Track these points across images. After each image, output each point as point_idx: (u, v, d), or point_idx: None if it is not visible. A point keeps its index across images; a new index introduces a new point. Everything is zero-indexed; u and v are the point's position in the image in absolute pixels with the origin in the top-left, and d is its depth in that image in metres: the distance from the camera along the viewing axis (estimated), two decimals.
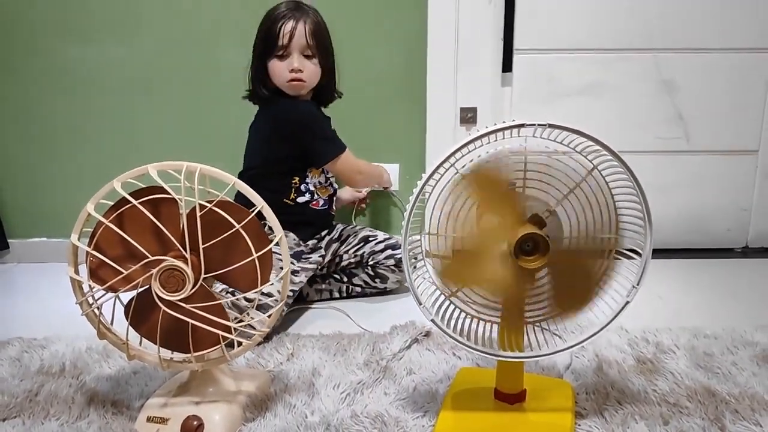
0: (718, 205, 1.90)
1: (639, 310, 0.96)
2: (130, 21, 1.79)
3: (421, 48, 1.80)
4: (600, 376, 1.13)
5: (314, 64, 1.45)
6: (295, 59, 1.41)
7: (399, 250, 1.54)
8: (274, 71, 1.44)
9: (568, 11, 1.77)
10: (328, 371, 1.17)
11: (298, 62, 1.41)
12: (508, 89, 1.84)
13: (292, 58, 1.42)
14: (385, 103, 1.85)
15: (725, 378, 1.13)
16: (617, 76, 1.81)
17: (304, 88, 1.46)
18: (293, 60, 1.41)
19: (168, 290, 0.90)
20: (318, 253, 1.54)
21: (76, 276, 0.94)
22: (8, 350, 1.27)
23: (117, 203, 0.91)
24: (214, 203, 0.90)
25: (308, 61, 1.44)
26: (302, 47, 1.42)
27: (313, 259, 1.51)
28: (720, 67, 1.80)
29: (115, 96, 1.84)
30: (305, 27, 1.41)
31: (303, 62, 1.42)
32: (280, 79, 1.44)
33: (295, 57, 1.42)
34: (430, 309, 0.93)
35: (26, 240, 1.94)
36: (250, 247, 0.90)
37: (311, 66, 1.45)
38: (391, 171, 1.88)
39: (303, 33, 1.41)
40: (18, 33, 1.79)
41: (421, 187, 0.88)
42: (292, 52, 1.42)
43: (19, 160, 1.89)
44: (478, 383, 1.05)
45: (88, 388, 1.12)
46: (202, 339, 0.94)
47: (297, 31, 1.41)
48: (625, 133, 1.83)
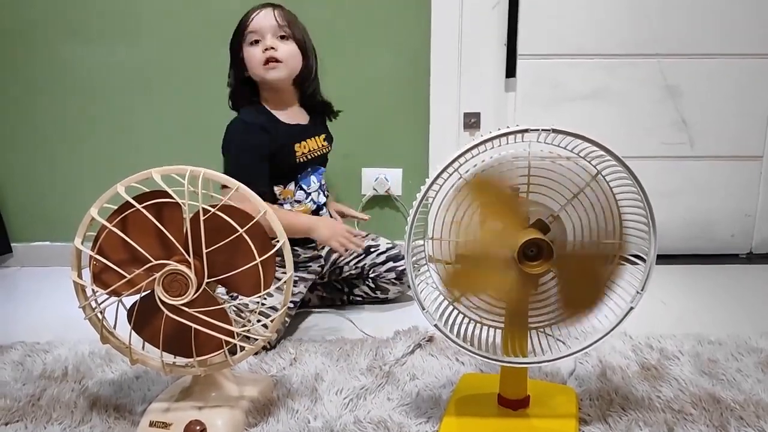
0: (722, 210, 1.89)
1: (643, 315, 0.95)
2: (132, 23, 1.80)
3: (424, 53, 1.80)
4: (604, 382, 1.13)
5: (292, 45, 1.39)
6: (268, 39, 1.36)
7: (401, 262, 1.53)
8: (249, 59, 1.37)
9: (572, 17, 1.77)
10: (331, 376, 1.17)
11: (271, 41, 1.36)
12: (511, 94, 1.84)
13: (264, 41, 1.36)
14: (389, 108, 1.85)
15: (730, 384, 1.12)
16: (621, 81, 1.81)
17: (282, 71, 1.37)
18: (266, 41, 1.36)
19: (171, 294, 0.90)
20: (317, 263, 1.51)
21: (80, 280, 0.94)
22: (11, 354, 1.27)
23: (120, 207, 0.91)
24: (217, 207, 0.90)
25: (283, 43, 1.38)
26: (273, 28, 1.36)
27: (312, 269, 1.48)
28: (724, 73, 1.80)
29: (117, 98, 1.85)
30: (274, 11, 1.38)
31: (276, 42, 1.36)
32: (256, 64, 1.37)
33: (267, 38, 1.36)
34: (434, 314, 0.93)
35: (29, 243, 1.94)
36: (254, 252, 0.90)
37: (287, 46, 1.37)
38: (394, 176, 1.88)
39: (272, 15, 1.37)
40: (20, 35, 1.80)
41: (424, 193, 0.88)
42: (264, 33, 1.36)
43: (21, 164, 1.89)
44: (481, 389, 1.05)
45: (91, 392, 1.12)
46: (204, 343, 0.94)
47: (264, 12, 1.37)
48: (629, 139, 1.82)
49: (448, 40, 1.79)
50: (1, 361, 1.24)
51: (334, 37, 1.79)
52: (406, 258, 0.91)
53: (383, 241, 1.59)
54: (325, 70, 1.51)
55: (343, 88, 1.79)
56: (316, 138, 1.47)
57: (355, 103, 1.82)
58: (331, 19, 1.78)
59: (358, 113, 1.82)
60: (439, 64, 1.80)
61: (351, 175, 1.87)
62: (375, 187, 1.88)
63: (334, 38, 1.79)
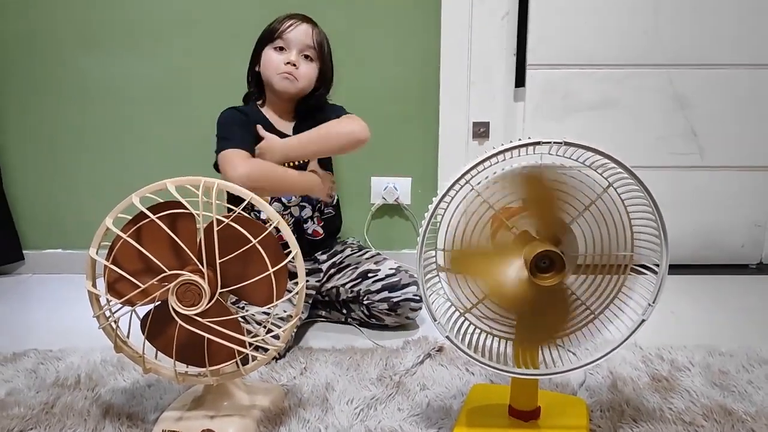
0: (732, 221, 1.89)
1: (653, 327, 0.95)
2: (149, 34, 1.82)
3: (434, 63, 1.81)
4: (615, 394, 1.13)
5: (313, 67, 1.41)
6: (293, 54, 1.37)
7: (396, 293, 1.41)
8: (268, 60, 1.39)
9: (581, 27, 1.78)
10: (342, 386, 1.17)
11: (296, 57, 1.37)
12: (520, 104, 1.84)
13: (290, 53, 1.38)
14: (399, 118, 1.86)
15: (741, 396, 1.12)
16: (630, 91, 1.81)
17: (294, 86, 1.39)
18: (291, 54, 1.37)
19: (184, 304, 0.90)
20: (315, 277, 1.48)
21: (94, 290, 0.94)
22: (24, 362, 1.28)
23: (135, 217, 0.92)
24: (231, 218, 0.91)
25: (305, 62, 1.39)
26: (303, 45, 1.38)
27: (310, 283, 1.46)
28: (733, 83, 1.80)
29: (131, 109, 1.86)
30: (311, 30, 1.39)
31: (300, 60, 1.38)
32: (272, 70, 1.38)
33: (293, 52, 1.37)
34: (445, 325, 0.93)
35: (41, 251, 1.95)
36: (266, 262, 0.91)
37: (309, 67, 1.40)
38: (403, 185, 1.89)
39: (309, 33, 1.38)
40: (38, 44, 1.82)
41: (435, 206, 0.88)
42: (291, 46, 1.38)
43: (34, 172, 1.91)
44: (492, 400, 1.05)
45: (104, 400, 1.13)
46: (217, 353, 0.95)
47: (301, 27, 1.38)
48: (639, 149, 1.83)
49: (457, 50, 1.80)
50: (15, 369, 1.25)
51: (346, 46, 1.79)
52: (418, 270, 0.91)
53: (386, 266, 1.46)
54: (337, 80, 1.52)
55: (354, 96, 1.80)
56: None
57: (365, 111, 1.81)
58: (344, 29, 1.79)
59: (368, 122, 1.81)
60: (449, 73, 1.81)
61: (360, 183, 1.87)
62: (384, 196, 1.89)
63: (346, 48, 1.79)
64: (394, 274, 1.44)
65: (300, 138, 1.38)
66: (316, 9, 1.68)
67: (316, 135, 1.36)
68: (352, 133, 1.36)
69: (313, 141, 1.36)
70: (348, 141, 1.37)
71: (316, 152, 1.39)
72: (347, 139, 1.36)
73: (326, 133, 1.36)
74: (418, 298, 1.42)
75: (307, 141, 1.36)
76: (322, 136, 1.36)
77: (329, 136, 1.36)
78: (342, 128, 1.37)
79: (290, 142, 1.38)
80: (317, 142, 1.36)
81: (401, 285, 1.42)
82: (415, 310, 1.43)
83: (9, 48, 1.82)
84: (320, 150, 1.38)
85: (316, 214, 1.49)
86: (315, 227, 1.48)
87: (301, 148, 1.37)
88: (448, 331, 0.93)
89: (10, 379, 1.21)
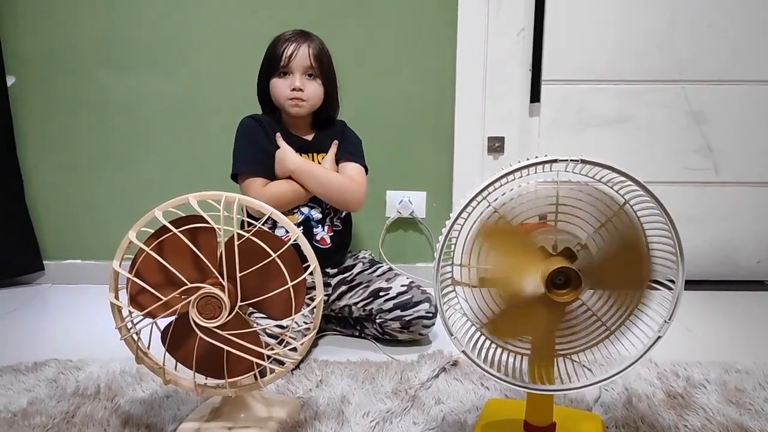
0: (748, 237, 1.88)
1: (668, 342, 0.95)
2: (168, 52, 1.85)
3: (450, 77, 1.82)
4: (630, 410, 1.13)
5: (317, 84, 1.45)
6: (297, 78, 1.42)
7: (408, 311, 1.42)
8: (275, 89, 1.44)
9: (597, 42, 1.79)
10: (357, 399, 1.18)
11: (300, 81, 1.42)
12: (535, 119, 1.85)
13: (293, 77, 1.42)
14: (414, 132, 1.87)
15: (758, 415, 1.11)
16: (646, 107, 1.82)
17: (304, 108, 1.45)
18: (295, 79, 1.42)
19: (205, 317, 0.92)
20: (324, 291, 1.46)
21: (117, 301, 0.96)
22: (45, 371, 1.30)
23: (157, 231, 0.93)
24: (251, 232, 0.92)
25: (310, 82, 1.44)
26: (305, 68, 1.42)
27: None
28: (749, 99, 1.80)
29: (152, 124, 1.90)
30: (309, 49, 1.43)
31: (305, 82, 1.43)
32: (281, 98, 1.44)
33: (297, 76, 1.42)
34: (461, 340, 0.94)
35: (61, 261, 1.98)
36: (286, 276, 0.92)
37: (313, 86, 1.44)
38: (418, 199, 1.90)
39: (306, 54, 1.42)
40: (61, 60, 1.86)
41: (451, 224, 0.89)
42: (294, 71, 1.42)
43: (55, 184, 1.94)
44: (507, 415, 1.05)
45: (123, 410, 1.14)
46: (235, 365, 0.96)
47: (300, 51, 1.42)
48: (654, 164, 1.83)
49: (473, 65, 1.82)
50: (36, 378, 1.27)
51: (363, 61, 1.82)
52: (435, 286, 0.92)
53: (397, 283, 1.47)
54: (353, 93, 1.54)
55: (370, 110, 1.83)
56: (314, 155, 1.49)
57: (380, 125, 1.84)
58: (359, 45, 1.81)
59: (384, 136, 1.84)
60: (464, 88, 1.83)
61: (375, 197, 1.89)
62: (399, 210, 1.90)
63: (363, 62, 1.82)
64: (406, 291, 1.45)
65: (313, 169, 1.44)
66: (333, 25, 1.71)
67: (325, 178, 1.44)
68: (346, 203, 1.48)
69: (320, 181, 1.44)
70: (340, 202, 1.47)
71: (314, 190, 1.44)
72: (340, 201, 1.47)
73: (330, 182, 1.45)
74: (431, 315, 1.43)
75: (315, 175, 1.44)
76: (327, 182, 1.44)
77: (331, 187, 1.44)
78: (345, 191, 1.46)
79: (302, 166, 1.43)
80: (321, 184, 1.44)
81: (413, 303, 1.43)
82: (427, 327, 1.44)
83: (32, 64, 1.86)
84: (318, 190, 1.44)
85: (327, 222, 1.50)
86: (323, 234, 1.49)
87: (306, 177, 1.43)
88: (464, 345, 0.94)
89: (32, 388, 1.23)
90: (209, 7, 1.82)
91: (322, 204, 1.48)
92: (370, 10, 1.81)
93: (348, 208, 1.50)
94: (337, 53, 1.49)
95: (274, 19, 1.78)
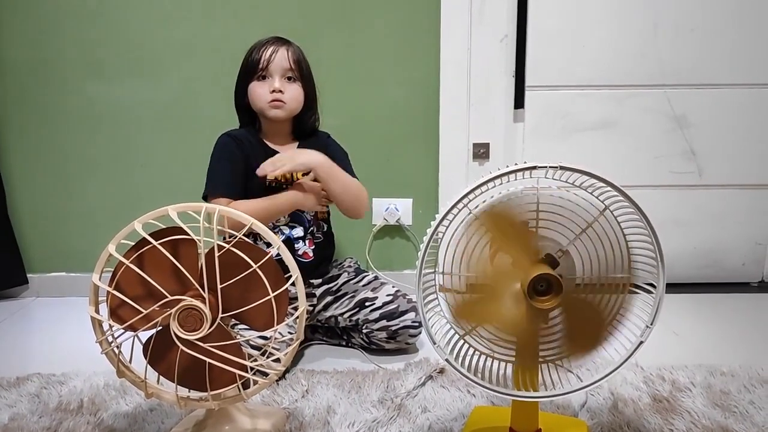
0: (732, 239, 1.90)
1: (654, 346, 0.95)
2: (155, 62, 1.85)
3: (434, 85, 1.83)
4: (616, 415, 1.13)
5: (297, 87, 1.43)
6: (276, 80, 1.40)
7: (395, 321, 1.41)
8: (254, 93, 1.42)
9: (580, 48, 1.80)
10: (343, 409, 1.17)
11: (280, 83, 1.40)
12: (520, 125, 1.86)
13: (273, 80, 1.41)
14: (399, 139, 1.88)
15: (743, 417, 1.12)
16: (629, 112, 1.83)
17: (285, 110, 1.42)
18: (274, 81, 1.41)
19: (186, 329, 0.91)
20: (309, 302, 1.46)
21: (97, 315, 0.95)
22: (27, 386, 1.28)
23: (138, 244, 0.93)
24: (231, 244, 0.92)
25: (290, 84, 1.43)
26: (284, 70, 1.41)
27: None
28: (731, 103, 1.81)
29: (135, 134, 1.89)
30: (287, 53, 1.42)
31: (284, 84, 1.41)
32: (260, 102, 1.42)
33: (276, 79, 1.41)
34: (445, 348, 0.93)
35: (45, 274, 1.97)
36: (267, 287, 0.92)
37: (293, 88, 1.42)
38: (404, 205, 1.90)
39: (285, 56, 1.41)
40: (44, 70, 1.85)
41: (433, 230, 0.89)
42: (273, 74, 1.41)
43: (38, 195, 1.92)
44: (492, 422, 1.05)
45: (106, 425, 1.13)
46: (218, 377, 0.95)
47: (279, 54, 1.41)
48: (638, 169, 1.84)
49: (457, 73, 1.82)
50: (18, 393, 1.25)
51: (347, 69, 1.82)
52: (417, 295, 0.92)
53: (383, 293, 1.46)
54: (338, 102, 1.54)
55: (355, 119, 1.83)
56: None
57: (366, 134, 1.84)
58: (343, 53, 1.81)
59: (369, 144, 1.84)
60: (449, 95, 1.83)
61: None
62: (385, 217, 1.90)
63: (347, 71, 1.82)
64: (392, 301, 1.44)
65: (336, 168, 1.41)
66: (316, 32, 1.71)
67: (347, 179, 1.43)
68: (357, 209, 1.45)
69: (343, 182, 1.42)
70: (352, 207, 1.45)
71: (334, 190, 1.42)
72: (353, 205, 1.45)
73: (350, 184, 1.44)
74: (417, 324, 1.42)
75: (338, 175, 1.41)
76: (349, 184, 1.43)
77: (350, 190, 1.43)
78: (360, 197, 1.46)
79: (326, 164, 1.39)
80: (344, 185, 1.42)
81: (399, 312, 1.42)
82: (414, 336, 1.44)
83: (17, 75, 1.85)
84: (338, 191, 1.42)
85: (308, 237, 1.48)
86: (305, 249, 1.48)
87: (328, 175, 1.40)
88: (447, 354, 0.93)
89: (14, 404, 1.22)
90: (195, 18, 1.82)
91: (303, 221, 1.47)
92: (354, 19, 1.81)
93: (358, 214, 1.46)
94: (322, 62, 1.49)
95: (261, 30, 1.76)
